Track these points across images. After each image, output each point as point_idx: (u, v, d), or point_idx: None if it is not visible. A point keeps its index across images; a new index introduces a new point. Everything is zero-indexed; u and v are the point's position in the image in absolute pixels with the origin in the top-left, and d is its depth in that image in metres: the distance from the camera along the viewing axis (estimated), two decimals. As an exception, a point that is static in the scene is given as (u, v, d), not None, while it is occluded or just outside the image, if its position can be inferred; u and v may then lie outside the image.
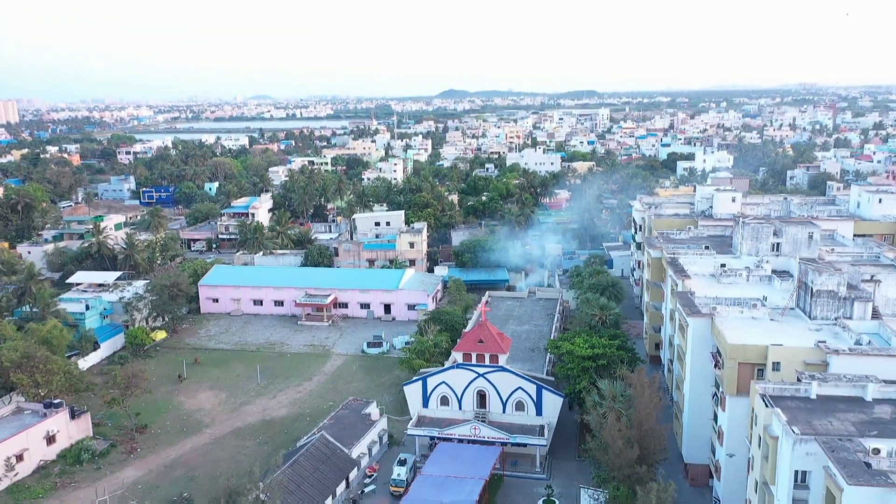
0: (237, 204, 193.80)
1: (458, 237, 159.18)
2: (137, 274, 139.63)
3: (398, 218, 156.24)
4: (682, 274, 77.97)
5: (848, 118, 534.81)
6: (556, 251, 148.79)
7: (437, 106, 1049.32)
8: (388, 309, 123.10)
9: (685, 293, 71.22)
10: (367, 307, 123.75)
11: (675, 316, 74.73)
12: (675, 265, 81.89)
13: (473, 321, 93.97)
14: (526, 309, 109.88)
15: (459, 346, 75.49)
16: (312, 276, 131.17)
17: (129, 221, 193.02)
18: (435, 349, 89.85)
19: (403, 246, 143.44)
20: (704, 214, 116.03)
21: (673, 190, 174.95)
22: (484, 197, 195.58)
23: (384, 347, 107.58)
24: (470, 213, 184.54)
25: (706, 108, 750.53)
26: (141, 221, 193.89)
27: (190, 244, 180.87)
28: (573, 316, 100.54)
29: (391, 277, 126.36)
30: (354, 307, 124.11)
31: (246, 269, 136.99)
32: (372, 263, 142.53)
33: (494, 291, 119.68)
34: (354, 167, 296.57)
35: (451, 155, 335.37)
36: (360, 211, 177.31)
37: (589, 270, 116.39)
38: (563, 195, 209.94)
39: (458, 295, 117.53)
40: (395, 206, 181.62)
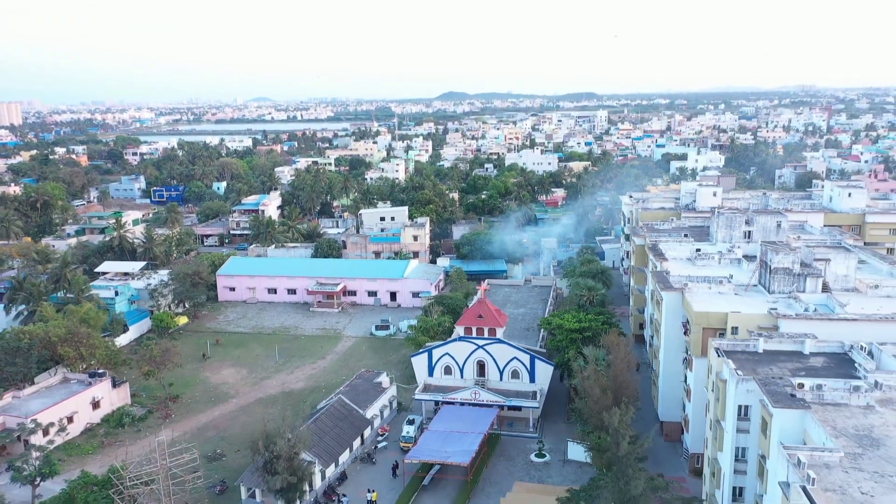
0: (247, 201, 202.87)
1: (458, 231, 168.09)
2: (156, 266, 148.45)
3: (402, 213, 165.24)
4: (660, 257, 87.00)
5: (842, 120, 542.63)
6: (551, 244, 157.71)
7: (436, 108, 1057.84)
8: (393, 296, 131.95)
9: (662, 272, 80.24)
10: (374, 295, 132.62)
11: (654, 295, 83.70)
12: (655, 250, 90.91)
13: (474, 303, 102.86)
14: (522, 295, 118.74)
15: (461, 320, 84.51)
16: (323, 266, 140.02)
17: (143, 218, 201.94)
18: (439, 328, 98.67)
19: (407, 239, 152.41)
20: (688, 208, 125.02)
21: (664, 187, 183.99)
22: (483, 195, 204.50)
23: (391, 330, 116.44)
24: (470, 209, 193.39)
25: (704, 110, 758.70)
26: (154, 218, 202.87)
27: (203, 239, 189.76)
28: (565, 301, 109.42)
29: (397, 267, 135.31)
30: (362, 295, 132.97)
31: (260, 259, 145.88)
32: (378, 255, 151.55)
33: (493, 280, 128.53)
34: (357, 167, 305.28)
35: (451, 156, 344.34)
36: (365, 208, 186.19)
37: (581, 259, 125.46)
38: (559, 193, 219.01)
39: (459, 283, 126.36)
40: (398, 203, 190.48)
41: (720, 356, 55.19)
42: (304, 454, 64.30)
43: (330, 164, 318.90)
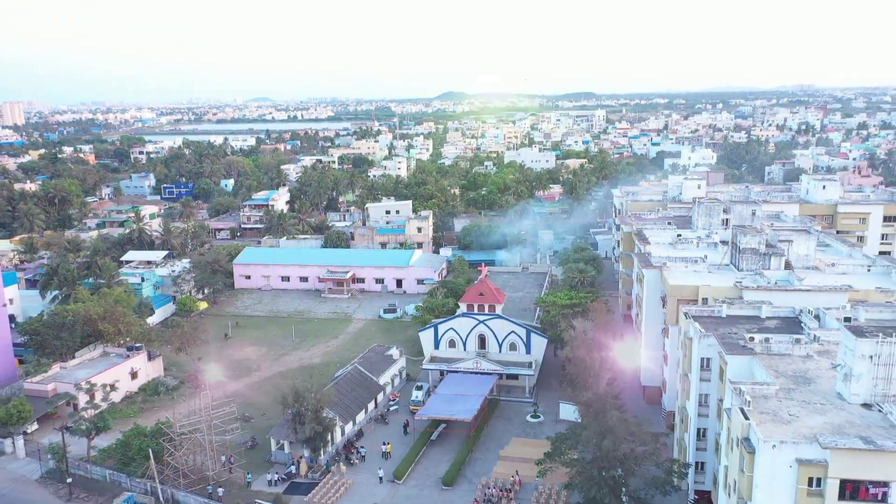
0: (257, 197, 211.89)
1: (459, 224, 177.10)
2: (174, 256, 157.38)
3: (406, 207, 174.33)
4: (644, 241, 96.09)
5: (837, 119, 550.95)
6: (547, 236, 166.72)
7: (436, 108, 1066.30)
8: (399, 283, 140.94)
9: (644, 254, 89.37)
10: (381, 282, 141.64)
11: (638, 274, 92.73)
12: (640, 235, 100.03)
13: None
14: (520, 280, 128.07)
15: (464, 298, 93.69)
16: (333, 255, 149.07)
17: (157, 213, 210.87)
18: (443, 308, 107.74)
19: (412, 231, 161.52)
20: (674, 200, 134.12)
21: (656, 183, 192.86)
22: (483, 190, 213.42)
23: (398, 313, 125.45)
24: (470, 204, 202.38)
25: (702, 109, 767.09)
26: (166, 214, 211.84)
27: (215, 233, 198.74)
28: (559, 284, 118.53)
29: (403, 256, 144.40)
30: (370, 282, 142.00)
31: (274, 249, 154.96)
32: (384, 246, 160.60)
33: (492, 268, 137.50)
34: (360, 165, 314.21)
35: (451, 154, 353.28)
36: (370, 202, 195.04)
37: (575, 248, 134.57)
38: (556, 189, 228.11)
39: (461, 270, 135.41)
40: (402, 198, 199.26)
41: (687, 318, 64.25)
42: (326, 411, 73.28)
43: (334, 162, 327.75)
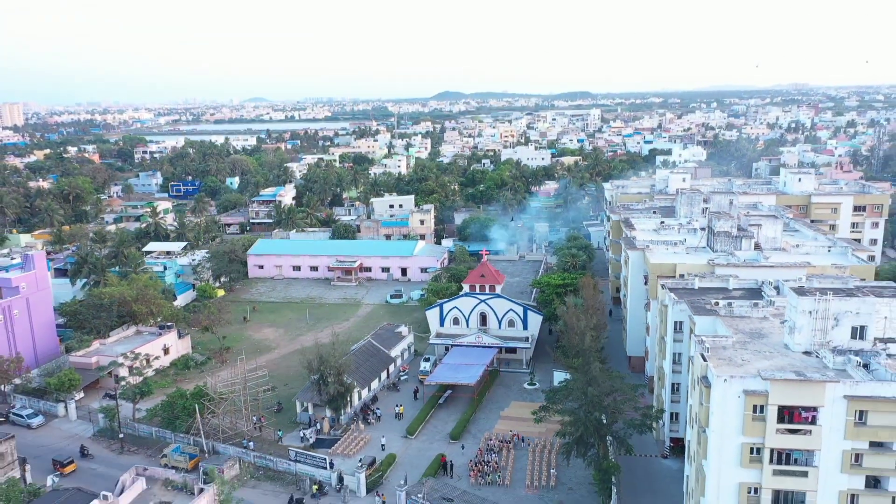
0: (265, 193, 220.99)
1: (459, 218, 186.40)
2: (192, 248, 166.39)
3: (409, 201, 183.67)
4: (630, 227, 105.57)
5: (828, 117, 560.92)
6: (543, 228, 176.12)
7: (433, 107, 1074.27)
8: (404, 272, 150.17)
9: (630, 238, 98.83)
10: (387, 270, 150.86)
11: (624, 257, 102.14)
12: (627, 223, 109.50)
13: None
14: (517, 268, 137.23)
15: (467, 279, 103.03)
16: (341, 246, 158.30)
17: (169, 209, 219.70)
18: (446, 291, 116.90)
19: (415, 223, 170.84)
20: (661, 192, 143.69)
21: (647, 178, 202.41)
22: (481, 186, 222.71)
23: (404, 298, 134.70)
24: (469, 199, 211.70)
25: (696, 108, 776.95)
26: (175, 210, 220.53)
27: (225, 228, 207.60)
28: (554, 271, 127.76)
29: (407, 246, 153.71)
30: (377, 271, 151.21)
31: (285, 241, 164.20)
32: (388, 238, 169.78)
33: (491, 257, 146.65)
34: (361, 163, 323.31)
35: (449, 153, 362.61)
36: (373, 197, 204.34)
37: (568, 237, 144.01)
38: (551, 185, 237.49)
39: (462, 258, 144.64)
40: (404, 193, 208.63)
41: (665, 289, 73.67)
42: (346, 375, 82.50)
43: (335, 160, 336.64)
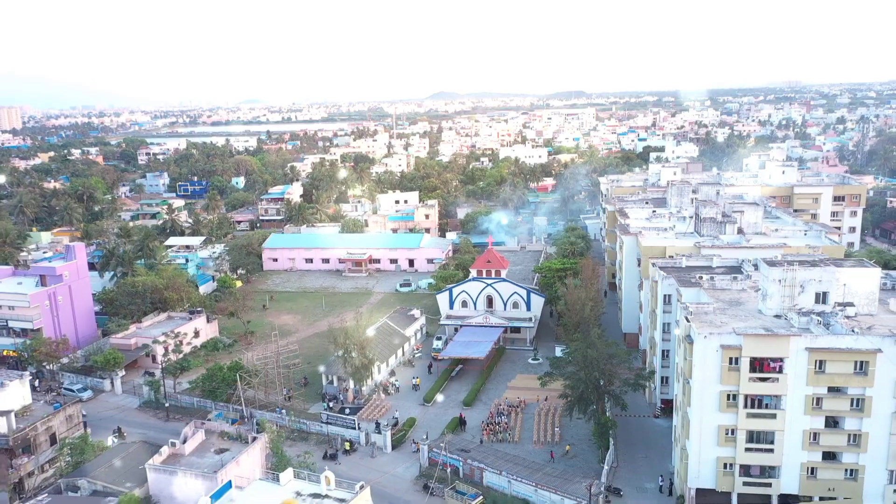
0: (273, 191, 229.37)
1: (461, 212, 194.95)
2: (211, 242, 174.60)
3: (414, 197, 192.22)
4: (624, 216, 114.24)
5: (819, 114, 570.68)
6: (542, 221, 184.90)
7: (428, 108, 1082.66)
8: (411, 263, 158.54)
9: (624, 225, 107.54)
10: (395, 262, 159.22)
11: (619, 243, 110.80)
12: (621, 212, 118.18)
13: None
14: (518, 257, 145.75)
15: (474, 265, 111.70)
16: (351, 239, 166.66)
17: (182, 207, 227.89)
18: (454, 278, 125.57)
19: (420, 217, 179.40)
20: (653, 185, 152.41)
21: (640, 173, 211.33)
22: (481, 183, 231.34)
23: (412, 287, 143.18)
24: (470, 196, 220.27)
25: (690, 106, 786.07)
26: (187, 208, 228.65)
27: (235, 225, 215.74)
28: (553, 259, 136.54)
29: (414, 239, 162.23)
30: (385, 262, 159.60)
31: (297, 235, 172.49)
32: (395, 232, 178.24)
33: (494, 247, 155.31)
34: (362, 163, 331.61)
35: (448, 152, 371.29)
36: (378, 194, 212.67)
37: (567, 228, 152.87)
38: (549, 181, 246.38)
39: (467, 248, 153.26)
40: (407, 190, 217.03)
41: (655, 267, 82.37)
42: (368, 350, 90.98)
43: (336, 160, 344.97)
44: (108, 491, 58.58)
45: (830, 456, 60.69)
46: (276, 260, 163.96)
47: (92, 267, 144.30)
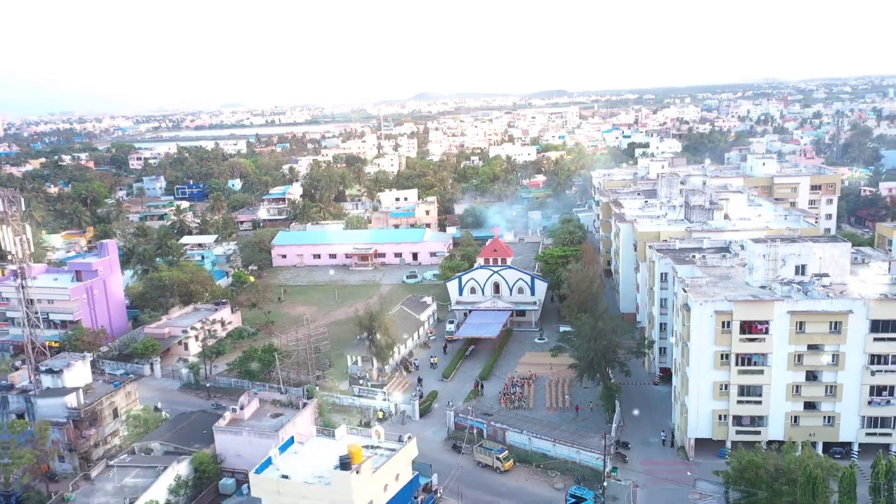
0: (274, 192, 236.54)
1: (459, 208, 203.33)
2: (223, 240, 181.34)
3: (413, 194, 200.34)
4: (619, 206, 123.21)
5: (796, 109, 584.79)
6: (536, 215, 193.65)
7: (412, 108, 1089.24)
8: (415, 256, 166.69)
9: (620, 213, 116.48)
10: (399, 256, 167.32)
11: (614, 231, 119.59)
12: (616, 202, 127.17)
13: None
14: (517, 248, 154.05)
15: (482, 254, 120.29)
16: (356, 235, 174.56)
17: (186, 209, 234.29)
18: (459, 268, 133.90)
19: (421, 213, 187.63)
20: (643, 178, 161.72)
21: (628, 167, 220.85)
22: (474, 181, 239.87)
23: (418, 278, 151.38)
24: (465, 192, 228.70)
25: (670, 103, 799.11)
26: (189, 210, 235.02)
27: (238, 224, 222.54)
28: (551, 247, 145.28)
29: (417, 234, 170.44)
30: (390, 256, 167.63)
31: (304, 232, 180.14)
32: (397, 227, 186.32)
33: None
34: (354, 163, 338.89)
35: (437, 151, 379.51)
36: (376, 193, 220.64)
37: (562, 220, 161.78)
38: (539, 178, 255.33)
39: (468, 242, 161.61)
40: (403, 189, 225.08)
41: (652, 249, 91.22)
42: (391, 330, 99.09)
43: (329, 161, 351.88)
44: (179, 451, 66.28)
45: (811, 405, 69.74)
46: (284, 256, 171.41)
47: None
